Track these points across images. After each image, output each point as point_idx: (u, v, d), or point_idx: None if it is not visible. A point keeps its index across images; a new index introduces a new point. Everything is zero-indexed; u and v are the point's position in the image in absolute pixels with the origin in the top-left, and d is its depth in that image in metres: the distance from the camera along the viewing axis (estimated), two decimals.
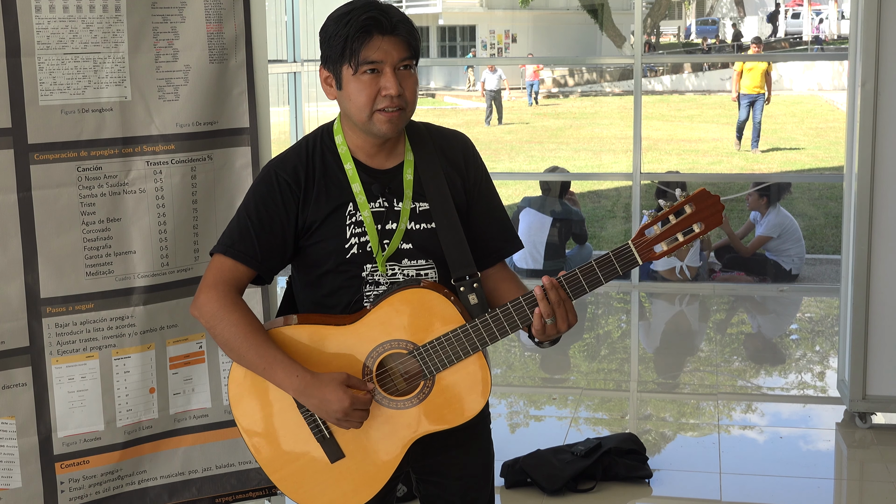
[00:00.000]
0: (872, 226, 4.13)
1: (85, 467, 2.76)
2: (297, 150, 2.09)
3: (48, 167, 2.63)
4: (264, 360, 2.00)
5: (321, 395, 1.97)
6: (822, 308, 6.63)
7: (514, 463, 3.81)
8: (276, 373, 2.00)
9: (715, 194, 1.96)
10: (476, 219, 2.13)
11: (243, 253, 2.04)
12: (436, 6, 33.22)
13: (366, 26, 1.95)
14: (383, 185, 2.06)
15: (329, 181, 2.06)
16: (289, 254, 2.08)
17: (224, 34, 2.80)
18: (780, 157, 15.16)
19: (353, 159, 2.07)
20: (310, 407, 2.00)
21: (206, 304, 2.04)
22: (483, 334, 1.98)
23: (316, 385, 1.97)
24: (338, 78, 2.02)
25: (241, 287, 2.07)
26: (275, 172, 2.06)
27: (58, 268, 2.67)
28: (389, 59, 1.97)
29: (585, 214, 10.65)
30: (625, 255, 1.96)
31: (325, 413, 1.99)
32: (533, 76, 24.72)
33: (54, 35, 2.60)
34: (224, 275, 2.04)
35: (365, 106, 1.98)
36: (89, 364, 2.74)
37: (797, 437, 4.29)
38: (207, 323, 2.04)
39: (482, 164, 2.18)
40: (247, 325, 2.01)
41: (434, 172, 2.08)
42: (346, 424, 2.00)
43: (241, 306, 2.04)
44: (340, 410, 1.96)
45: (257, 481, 2.97)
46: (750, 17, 38.16)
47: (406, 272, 2.06)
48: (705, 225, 1.96)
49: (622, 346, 5.93)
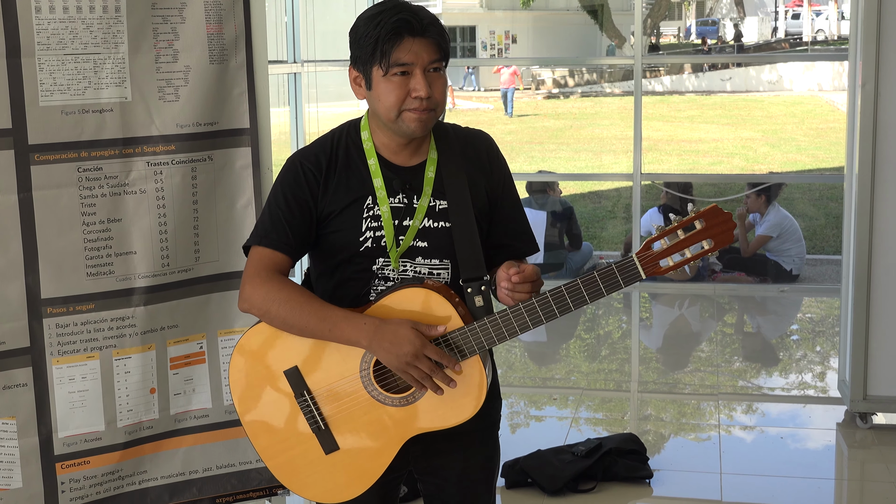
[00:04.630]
0: (873, 226, 4.13)
1: (85, 467, 2.76)
2: (322, 141, 2.11)
3: (49, 168, 2.64)
4: (327, 321, 1.97)
5: (393, 336, 1.92)
6: (823, 308, 6.63)
7: (515, 463, 3.81)
8: (343, 329, 1.96)
9: (727, 212, 1.92)
10: (499, 217, 2.14)
11: (278, 241, 2.04)
12: (436, 7, 33.20)
13: (397, 28, 1.95)
14: (404, 182, 2.07)
15: (351, 173, 2.07)
16: (314, 241, 2.09)
17: (224, 35, 2.80)
18: (781, 158, 15.17)
19: (378, 155, 2.08)
20: (381, 353, 1.94)
21: (252, 293, 2.01)
22: (481, 338, 1.98)
23: (388, 326, 1.94)
24: (368, 78, 2.02)
25: (283, 272, 2.05)
26: (299, 162, 2.08)
27: (58, 268, 2.67)
28: (420, 62, 1.98)
29: (586, 215, 10.67)
30: (628, 268, 1.94)
31: (396, 355, 1.92)
32: (508, 82, 22.24)
33: (54, 36, 2.60)
34: (264, 262, 2.04)
35: (394, 106, 1.99)
36: (90, 364, 2.75)
37: (798, 438, 4.29)
38: (259, 310, 2.01)
39: (505, 164, 2.19)
40: (299, 296, 1.99)
41: (456, 172, 2.09)
42: (413, 371, 1.94)
43: (286, 283, 2.02)
44: (412, 353, 1.91)
45: (258, 481, 2.97)
46: (750, 17, 38.16)
47: (418, 270, 2.07)
48: (715, 242, 1.93)
49: (623, 347, 5.93)
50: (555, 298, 1.95)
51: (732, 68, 26.54)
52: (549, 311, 1.95)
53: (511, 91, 22.07)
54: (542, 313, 1.96)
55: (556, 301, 1.95)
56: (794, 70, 25.72)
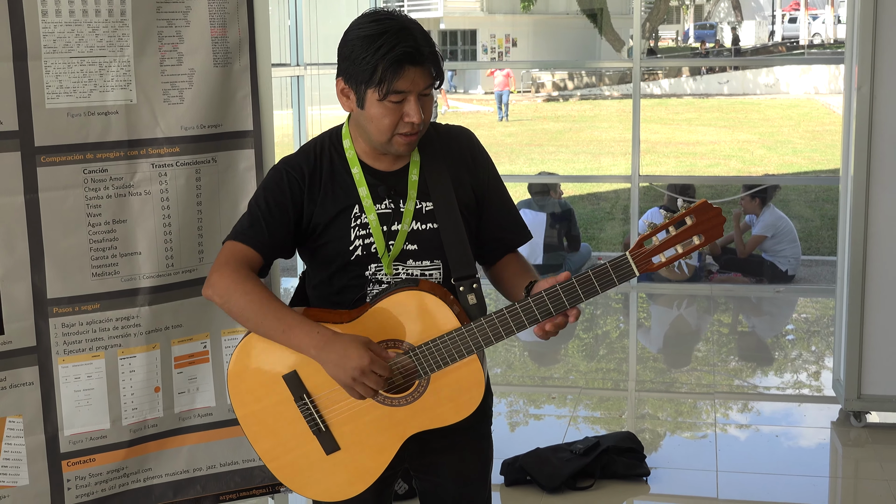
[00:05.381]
0: (868, 227, 4.17)
1: (91, 465, 2.79)
2: (306, 150, 2.13)
3: (55, 169, 2.66)
4: (282, 322, 1.99)
5: (342, 350, 1.93)
6: (818, 308, 6.67)
7: (514, 461, 3.84)
8: (295, 333, 1.98)
9: (716, 206, 1.95)
10: (488, 211, 2.17)
11: (253, 238, 2.07)
12: (437, 10, 33.26)
13: (400, 59, 1.95)
14: (389, 187, 2.09)
15: (335, 184, 2.09)
16: (291, 247, 2.12)
17: (228, 38, 2.83)
18: (777, 160, 15.21)
19: (361, 162, 2.10)
20: (328, 365, 1.96)
21: (218, 280, 2.04)
22: (478, 338, 2.01)
23: (337, 340, 1.95)
24: (360, 97, 2.02)
25: (252, 267, 2.07)
26: (283, 170, 2.11)
27: (64, 268, 2.70)
28: (416, 89, 1.99)
29: (584, 217, 10.71)
30: (622, 266, 1.96)
31: (343, 370, 1.93)
32: (502, 85, 21.77)
33: (60, 39, 2.63)
34: (235, 255, 2.07)
35: (387, 130, 2.01)
36: (95, 363, 2.77)
37: (793, 436, 4.33)
38: (221, 297, 2.03)
39: (489, 159, 2.21)
40: (260, 293, 2.01)
41: (439, 172, 2.11)
42: (359, 387, 1.95)
43: (252, 277, 2.04)
44: (358, 368, 1.92)
45: (261, 479, 3.00)
46: (747, 21, 38.21)
47: (410, 272, 2.10)
48: (705, 237, 1.94)
49: (620, 346, 5.97)
50: (550, 297, 1.97)
51: (730, 71, 26.60)
52: (544, 309, 1.97)
53: (506, 94, 21.81)
54: (538, 311, 1.98)
55: (551, 299, 1.97)
56: (790, 73, 25.80)
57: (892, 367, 4.23)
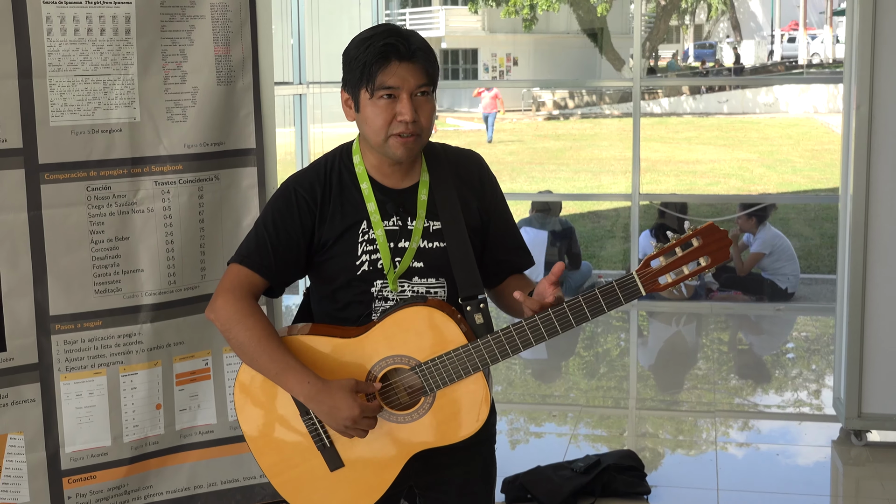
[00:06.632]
0: (867, 246, 4.18)
1: (92, 482, 2.80)
2: (316, 167, 2.14)
3: (58, 186, 2.68)
4: (277, 364, 2.03)
5: (332, 403, 2.00)
6: (818, 327, 6.67)
7: (515, 479, 3.84)
8: (287, 378, 2.03)
9: (723, 230, 1.96)
10: (493, 235, 2.19)
11: (258, 264, 2.08)
12: (439, 30, 33.40)
13: (384, 52, 1.99)
14: (398, 205, 2.10)
15: (345, 200, 2.10)
16: (301, 268, 2.13)
17: (231, 57, 2.86)
18: (777, 179, 15.25)
19: (370, 178, 2.11)
20: (319, 414, 2.03)
21: (222, 307, 2.07)
22: (484, 355, 2.02)
23: (326, 392, 2.00)
24: (356, 101, 2.05)
25: (256, 295, 2.10)
26: (293, 188, 2.11)
27: (67, 285, 2.71)
28: (406, 86, 2.00)
29: (585, 235, 10.73)
30: (629, 285, 1.97)
31: (335, 420, 2.01)
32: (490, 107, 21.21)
33: (65, 57, 2.66)
34: (241, 280, 2.08)
35: (381, 129, 2.03)
36: (97, 380, 2.78)
37: (793, 455, 4.33)
38: (223, 326, 2.07)
39: (496, 183, 2.23)
40: (261, 330, 2.05)
41: (448, 193, 2.12)
42: (352, 433, 2.03)
43: (256, 311, 2.07)
44: (350, 419, 1.99)
45: (262, 496, 3.00)
46: (747, 40, 38.37)
47: (416, 290, 2.11)
48: (711, 259, 1.96)
49: (621, 364, 5.97)
50: (557, 315, 1.98)
51: (729, 90, 26.69)
52: (550, 327, 1.99)
53: (493, 116, 21.44)
54: (545, 329, 1.99)
55: (557, 317, 1.98)
56: (789, 93, 25.87)
57: (892, 386, 4.22)
